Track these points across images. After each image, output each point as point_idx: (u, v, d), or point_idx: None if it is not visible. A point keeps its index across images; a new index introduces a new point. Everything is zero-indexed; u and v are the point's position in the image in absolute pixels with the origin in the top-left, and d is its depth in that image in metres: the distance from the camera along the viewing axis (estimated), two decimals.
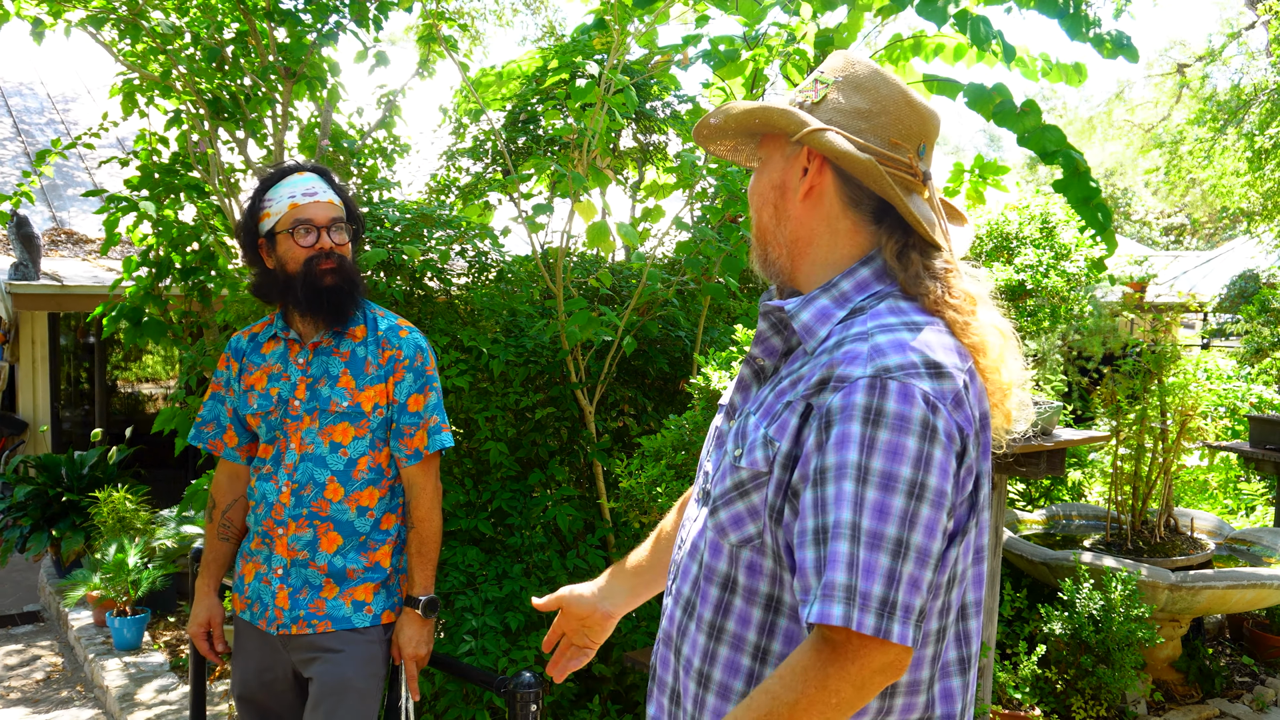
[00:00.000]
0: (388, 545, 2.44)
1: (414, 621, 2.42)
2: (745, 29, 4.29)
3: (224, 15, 3.91)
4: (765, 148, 1.47)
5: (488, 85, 4.74)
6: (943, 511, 1.22)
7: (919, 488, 1.20)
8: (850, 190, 1.39)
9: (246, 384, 2.48)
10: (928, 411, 1.22)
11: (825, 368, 1.28)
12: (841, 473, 1.21)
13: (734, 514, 1.34)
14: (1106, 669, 3.96)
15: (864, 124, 1.39)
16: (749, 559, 1.34)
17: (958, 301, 1.36)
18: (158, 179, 4.10)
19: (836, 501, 1.20)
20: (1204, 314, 11.26)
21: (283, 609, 2.39)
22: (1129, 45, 4.50)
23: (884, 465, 1.20)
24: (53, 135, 8.80)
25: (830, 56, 1.47)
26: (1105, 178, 25.66)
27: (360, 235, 2.51)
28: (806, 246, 1.42)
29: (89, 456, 6.23)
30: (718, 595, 1.37)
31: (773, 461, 1.30)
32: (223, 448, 2.55)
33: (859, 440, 1.21)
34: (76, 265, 6.94)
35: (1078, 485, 6.41)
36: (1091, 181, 4.44)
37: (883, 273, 1.39)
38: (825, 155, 1.38)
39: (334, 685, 2.35)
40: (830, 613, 1.17)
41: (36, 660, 5.32)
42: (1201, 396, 4.60)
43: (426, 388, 2.43)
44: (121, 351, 8.42)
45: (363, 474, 2.39)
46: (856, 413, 1.21)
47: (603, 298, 3.95)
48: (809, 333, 1.35)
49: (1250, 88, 12.67)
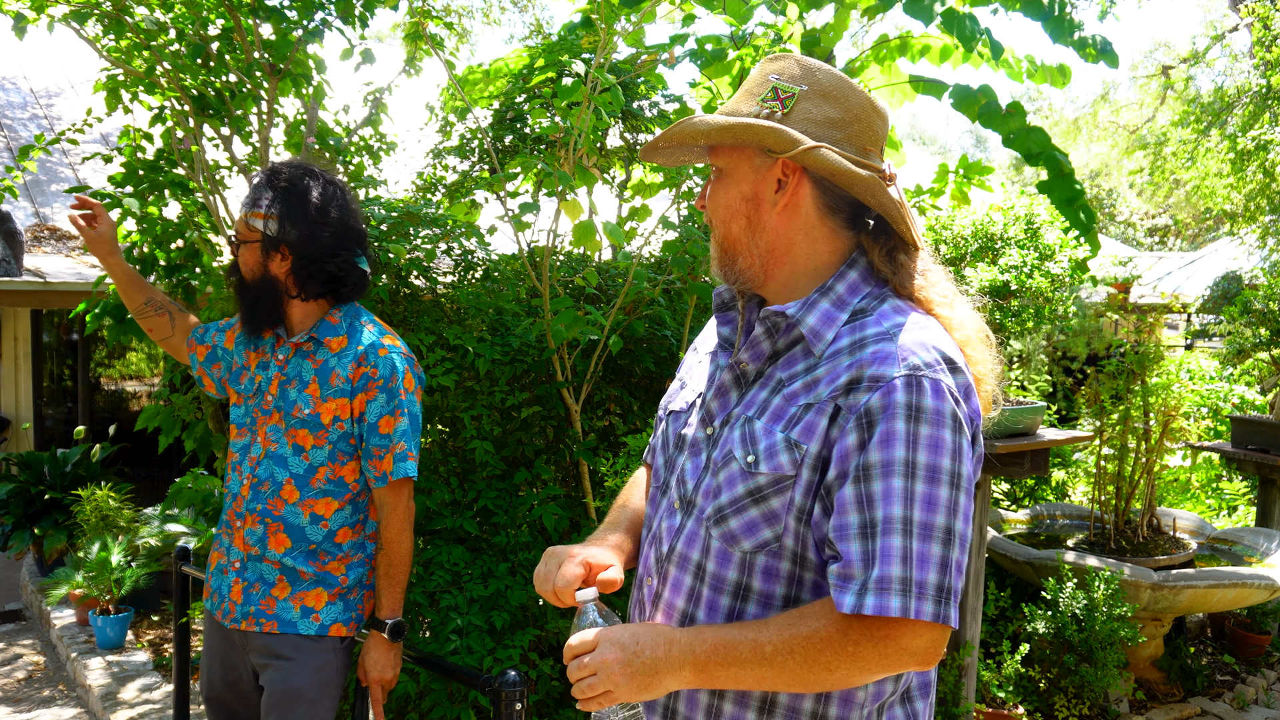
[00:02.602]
0: (341, 560, 2.40)
1: (380, 645, 2.39)
2: (732, 28, 4.29)
3: (209, 11, 3.89)
4: (726, 158, 1.46)
5: (475, 83, 4.73)
6: (972, 497, 1.30)
7: (957, 477, 1.26)
8: (828, 198, 1.42)
9: (246, 361, 2.50)
10: (954, 405, 1.28)
11: (852, 369, 1.31)
12: (889, 469, 1.25)
13: (747, 521, 1.35)
14: (1089, 668, 3.99)
15: (839, 134, 1.40)
16: (765, 564, 1.35)
17: (945, 300, 1.42)
18: (142, 176, 4.07)
19: (885, 497, 1.24)
20: (1187, 315, 11.33)
21: (236, 603, 2.40)
22: (1110, 51, 4.53)
23: (928, 459, 1.25)
24: (35, 130, 8.74)
25: (775, 61, 1.46)
26: (1090, 179, 25.78)
27: (300, 245, 2.35)
28: (784, 255, 1.44)
29: (72, 454, 6.19)
30: (729, 604, 1.37)
31: (800, 464, 1.32)
32: (194, 347, 2.63)
33: (904, 436, 1.25)
34: (60, 261, 6.89)
35: (1062, 485, 6.44)
36: (1075, 183, 4.47)
37: (869, 274, 1.42)
38: (822, 173, 1.39)
39: (282, 695, 2.34)
40: (888, 605, 1.21)
41: (18, 659, 5.29)
42: (1184, 397, 4.64)
43: (398, 411, 2.36)
44: (105, 349, 8.37)
45: (320, 483, 2.37)
46: (899, 410, 1.26)
47: (589, 297, 3.95)
48: (816, 336, 1.37)
49: (1233, 90, 12.75)
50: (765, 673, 1.28)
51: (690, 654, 1.30)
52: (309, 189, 2.37)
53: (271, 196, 2.35)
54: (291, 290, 2.39)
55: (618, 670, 1.29)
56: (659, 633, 1.33)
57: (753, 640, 1.28)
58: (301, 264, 2.35)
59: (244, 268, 2.40)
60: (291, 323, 2.44)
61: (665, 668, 1.30)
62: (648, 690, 1.31)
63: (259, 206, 2.36)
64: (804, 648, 1.26)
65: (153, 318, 2.65)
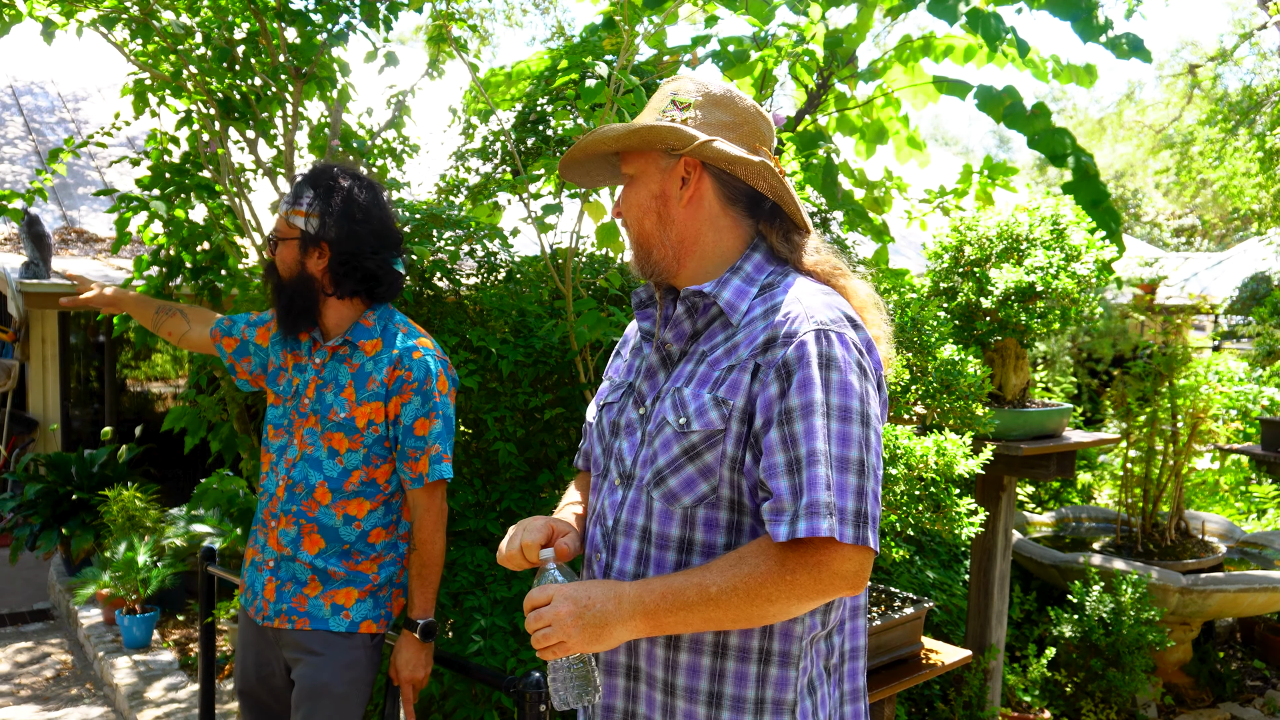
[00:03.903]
0: (374, 559, 2.42)
1: (411, 644, 2.41)
2: (754, 30, 4.28)
3: (235, 15, 3.92)
4: (635, 164, 1.63)
5: (497, 85, 4.74)
6: (880, 434, 1.47)
7: (867, 416, 1.43)
8: (728, 190, 1.60)
9: (284, 362, 2.53)
10: (859, 355, 1.46)
11: (768, 330, 1.48)
12: (808, 410, 1.40)
13: (685, 478, 1.50)
14: (1116, 672, 3.95)
15: (732, 134, 1.60)
16: (705, 516, 1.50)
17: (839, 271, 1.61)
18: (169, 178, 4.11)
19: (807, 435, 1.39)
20: (1215, 316, 11.21)
21: (269, 600, 2.42)
22: (1142, 48, 4.49)
23: (840, 400, 1.42)
24: (63, 134, 8.83)
25: (673, 81, 1.65)
26: (1115, 179, 25.56)
27: (340, 242, 2.38)
28: (693, 245, 1.61)
29: (99, 455, 6.25)
30: (675, 558, 1.51)
31: (728, 419, 1.47)
32: (220, 338, 2.65)
33: (819, 381, 1.41)
34: (87, 264, 6.96)
35: (1087, 487, 6.39)
36: (1101, 185, 4.43)
37: (770, 256, 1.61)
38: (717, 162, 1.56)
39: (311, 689, 2.36)
40: (818, 526, 1.36)
41: (46, 658, 5.34)
42: (1212, 399, 4.58)
43: (433, 414, 2.38)
44: (131, 350, 8.44)
45: (354, 485, 2.39)
46: (812, 360, 1.42)
47: (612, 298, 3.95)
48: (732, 308, 1.54)
49: (1262, 88, 12.61)
50: (712, 613, 1.40)
51: (639, 604, 1.42)
52: (351, 189, 2.41)
53: (313, 195, 2.38)
54: (327, 288, 2.40)
55: (570, 622, 1.41)
56: (609, 587, 1.45)
57: (698, 584, 1.41)
58: (338, 260, 2.38)
59: (281, 266, 2.42)
60: (327, 325, 2.46)
61: (615, 619, 1.42)
62: (599, 641, 1.43)
63: (300, 204, 2.39)
64: (746, 583, 1.39)
65: (166, 321, 2.71)
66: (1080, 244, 3.46)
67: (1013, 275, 3.37)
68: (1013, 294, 3.38)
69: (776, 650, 1.49)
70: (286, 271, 2.42)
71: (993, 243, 3.52)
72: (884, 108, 4.85)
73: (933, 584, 4.49)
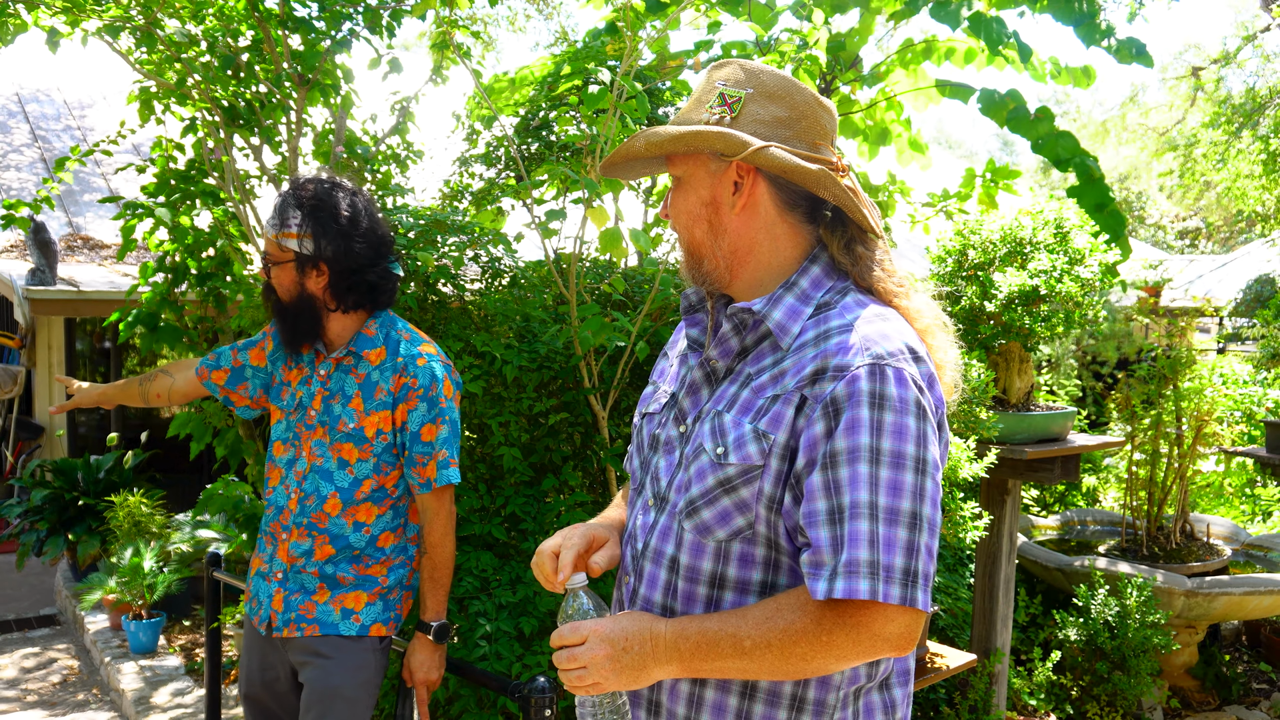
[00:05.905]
0: (383, 563, 2.43)
1: (425, 646, 2.43)
2: (757, 35, 4.29)
3: (239, 23, 3.94)
4: (682, 166, 1.50)
5: (500, 91, 4.75)
6: (938, 483, 1.32)
7: (922, 463, 1.29)
8: (785, 195, 1.45)
9: (286, 377, 2.52)
10: (918, 393, 1.31)
11: (817, 360, 1.34)
12: (854, 455, 1.27)
13: (720, 511, 1.38)
14: (1122, 675, 3.94)
15: (788, 131, 1.45)
16: (741, 550, 1.38)
17: (902, 290, 1.46)
18: (174, 185, 4.13)
19: (851, 483, 1.27)
20: (1219, 318, 11.20)
21: (276, 611, 2.42)
22: (1145, 53, 4.49)
23: (893, 445, 1.27)
24: (69, 142, 8.87)
25: (721, 69, 1.50)
26: (1119, 182, 25.53)
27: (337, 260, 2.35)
28: (747, 255, 1.47)
29: (105, 461, 6.27)
30: (706, 593, 1.41)
31: (768, 454, 1.35)
32: (207, 375, 2.62)
33: (868, 423, 1.28)
34: (93, 271, 6.98)
35: (1092, 491, 6.38)
36: (1105, 188, 4.42)
37: (831, 268, 1.47)
38: (773, 171, 1.42)
39: (321, 692, 2.37)
40: (857, 588, 1.23)
41: (53, 663, 5.35)
42: (1217, 401, 4.58)
43: (439, 419, 2.39)
44: (137, 356, 8.47)
45: (364, 494, 2.40)
46: (863, 398, 1.28)
47: (616, 303, 3.95)
48: (783, 330, 1.41)
49: (1265, 90, 12.60)
50: (747, 665, 1.31)
51: (675, 650, 1.34)
52: (337, 202, 2.36)
53: (301, 215, 2.33)
54: (330, 304, 2.39)
55: (607, 666, 1.34)
56: (643, 626, 1.37)
57: (732, 635, 1.31)
58: (339, 277, 2.36)
59: (279, 288, 2.39)
60: (330, 337, 2.45)
61: (652, 662, 1.35)
62: (636, 682, 1.36)
63: (289, 226, 2.33)
64: (780, 641, 1.29)
65: (152, 387, 2.69)
66: (1084, 247, 3.46)
67: (1016, 279, 3.37)
68: (1016, 297, 3.39)
69: (811, 698, 1.38)
70: (286, 294, 2.39)
71: (996, 246, 3.53)
72: (886, 110, 4.86)
73: (937, 588, 4.48)
